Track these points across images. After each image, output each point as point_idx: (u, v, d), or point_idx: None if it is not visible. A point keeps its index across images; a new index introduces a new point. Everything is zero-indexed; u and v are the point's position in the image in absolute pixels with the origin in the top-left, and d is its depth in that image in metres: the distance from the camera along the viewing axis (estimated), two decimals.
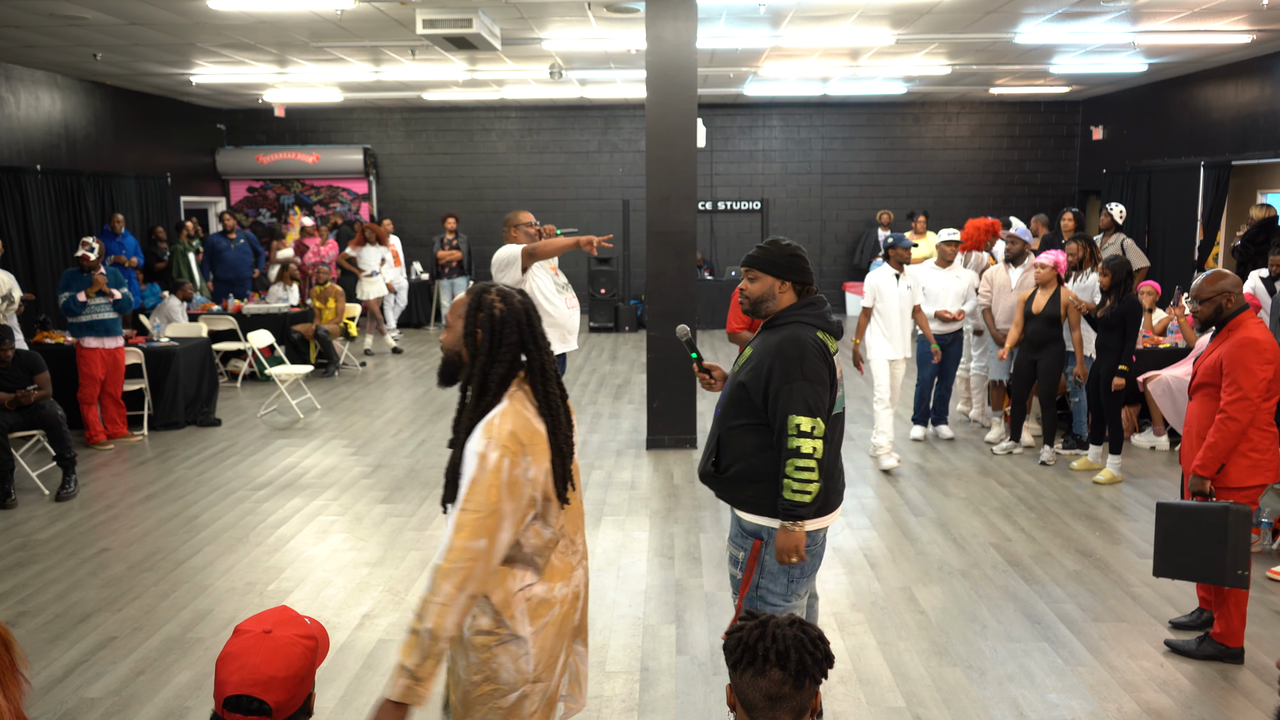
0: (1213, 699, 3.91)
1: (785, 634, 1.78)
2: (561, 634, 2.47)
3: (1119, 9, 8.57)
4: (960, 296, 7.76)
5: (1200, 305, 4.14)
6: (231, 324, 10.56)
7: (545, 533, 2.41)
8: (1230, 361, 4.01)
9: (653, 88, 7.59)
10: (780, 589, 3.20)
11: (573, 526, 2.51)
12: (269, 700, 1.77)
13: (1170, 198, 12.58)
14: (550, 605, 2.42)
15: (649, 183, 7.68)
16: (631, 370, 11.28)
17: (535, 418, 2.38)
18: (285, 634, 1.84)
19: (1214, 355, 4.11)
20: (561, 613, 2.45)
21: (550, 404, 2.41)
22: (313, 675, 1.88)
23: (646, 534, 5.85)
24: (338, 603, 4.90)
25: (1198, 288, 4.17)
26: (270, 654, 1.80)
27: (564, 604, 2.46)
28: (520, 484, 2.29)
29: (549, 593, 2.42)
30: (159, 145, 14.19)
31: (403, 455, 7.65)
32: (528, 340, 2.42)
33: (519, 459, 2.29)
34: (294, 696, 1.82)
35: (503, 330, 2.39)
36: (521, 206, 16.04)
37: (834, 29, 9.56)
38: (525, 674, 2.38)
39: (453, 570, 2.21)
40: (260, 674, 1.78)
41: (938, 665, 4.19)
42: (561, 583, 2.46)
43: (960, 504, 6.39)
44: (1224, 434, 3.99)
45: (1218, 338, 4.15)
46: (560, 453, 2.39)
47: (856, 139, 16.16)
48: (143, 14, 8.54)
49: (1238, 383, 3.99)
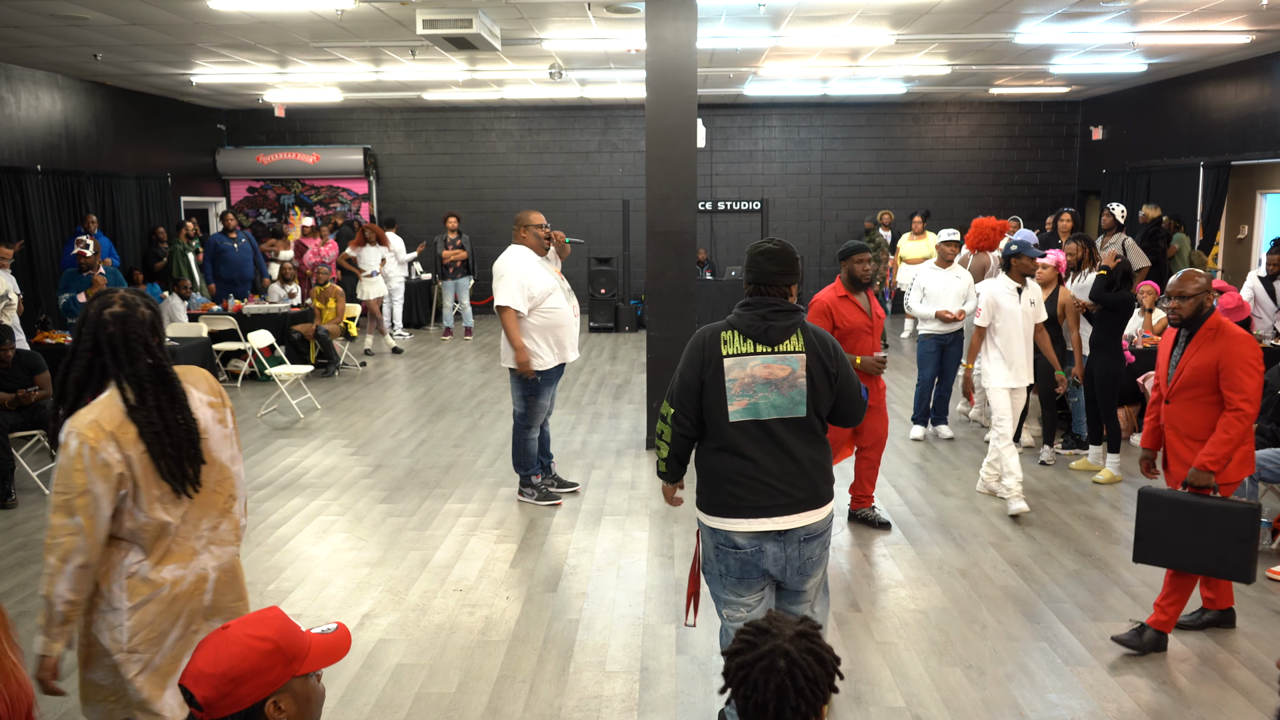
0: (1212, 699, 3.91)
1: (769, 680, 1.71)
2: (171, 613, 2.68)
3: (1119, 9, 8.57)
4: (960, 297, 7.76)
5: (1184, 303, 4.16)
6: (231, 324, 10.57)
7: (139, 516, 2.60)
8: (1231, 361, 4.05)
9: (653, 88, 7.60)
10: (712, 585, 3.31)
11: (199, 514, 2.71)
12: (196, 694, 1.73)
13: (1170, 198, 12.58)
14: (155, 585, 2.64)
15: (649, 183, 7.68)
16: (631, 370, 11.28)
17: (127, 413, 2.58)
18: (237, 633, 1.78)
19: (1203, 356, 4.12)
20: (171, 594, 2.67)
21: (143, 406, 2.58)
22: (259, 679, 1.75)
23: (646, 534, 5.85)
24: (338, 603, 4.90)
25: (1178, 287, 4.18)
26: (211, 649, 1.76)
27: (175, 585, 2.67)
28: (109, 467, 2.51)
29: (154, 573, 2.64)
30: (159, 145, 14.20)
31: (403, 455, 7.66)
32: (119, 347, 2.59)
33: (102, 444, 2.50)
34: (226, 696, 1.73)
35: (79, 337, 2.62)
36: (522, 206, 16.06)
37: (834, 29, 9.56)
38: (120, 644, 2.62)
39: (53, 545, 2.50)
40: (194, 666, 1.75)
41: (938, 665, 4.20)
42: (175, 565, 2.67)
43: (960, 504, 6.39)
44: (1237, 431, 4.04)
45: (1198, 338, 4.17)
46: (164, 450, 2.59)
47: (856, 139, 16.17)
48: (143, 14, 8.55)
49: (1243, 381, 4.04)
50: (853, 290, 5.60)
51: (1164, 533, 4.06)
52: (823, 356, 3.20)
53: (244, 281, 12.45)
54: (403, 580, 5.18)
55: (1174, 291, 4.21)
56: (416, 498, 6.59)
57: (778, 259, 3.29)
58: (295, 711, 1.81)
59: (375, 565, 5.39)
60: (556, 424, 8.44)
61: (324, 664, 1.86)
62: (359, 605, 4.87)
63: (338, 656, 1.89)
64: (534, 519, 6.16)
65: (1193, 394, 4.18)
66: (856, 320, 5.54)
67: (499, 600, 4.92)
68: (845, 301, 5.57)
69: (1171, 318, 4.24)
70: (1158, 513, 4.08)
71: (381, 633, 4.56)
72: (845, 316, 5.53)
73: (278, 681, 1.78)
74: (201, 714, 1.75)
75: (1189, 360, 4.18)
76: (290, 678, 1.80)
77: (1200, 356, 4.14)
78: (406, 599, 4.94)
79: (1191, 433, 4.20)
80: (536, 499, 6.42)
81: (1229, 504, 3.98)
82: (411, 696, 3.97)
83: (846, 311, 5.54)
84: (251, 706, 1.76)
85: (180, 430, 2.63)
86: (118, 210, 12.72)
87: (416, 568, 5.35)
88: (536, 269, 6.08)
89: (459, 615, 4.74)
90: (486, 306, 16.07)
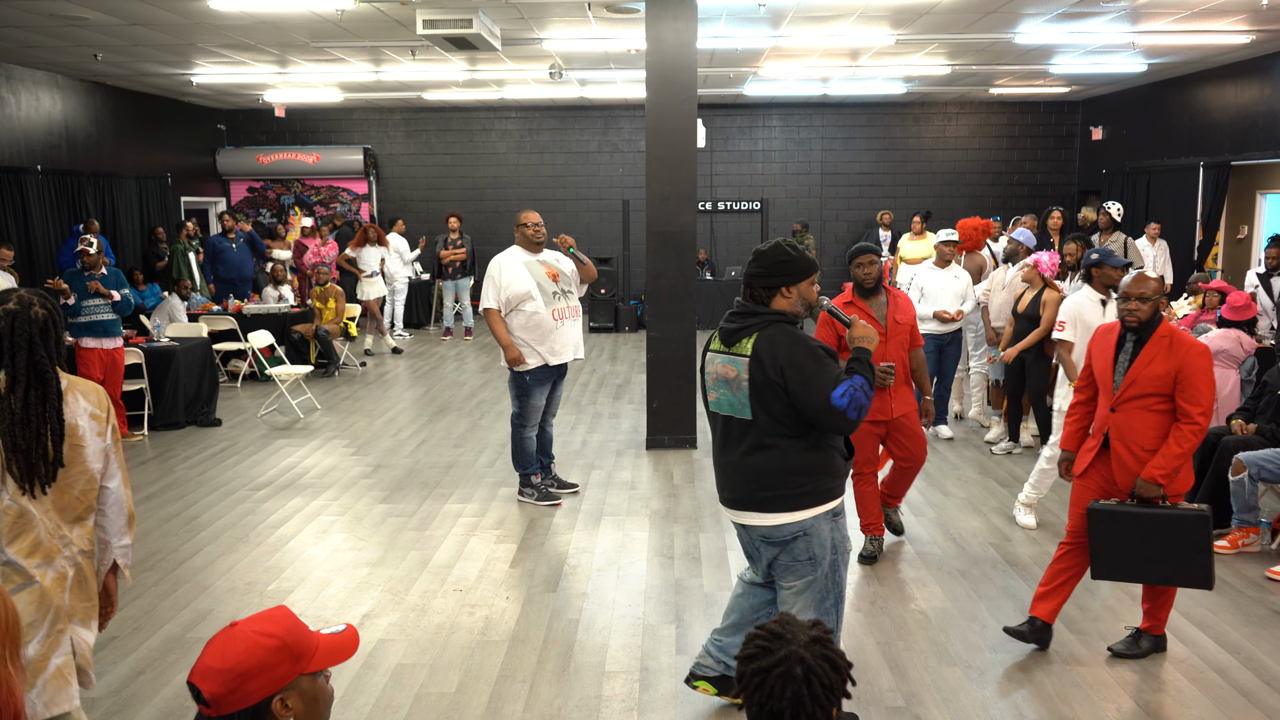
0: (1212, 699, 3.91)
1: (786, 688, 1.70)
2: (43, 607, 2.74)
3: (1119, 9, 8.57)
4: (959, 296, 7.76)
5: (1144, 305, 3.97)
6: (232, 324, 10.57)
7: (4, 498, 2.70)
8: (1193, 373, 3.89)
9: (653, 88, 7.60)
10: None
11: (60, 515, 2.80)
12: (203, 689, 1.74)
13: (1169, 198, 12.59)
14: (27, 576, 2.72)
15: (649, 183, 7.68)
16: (631, 370, 11.29)
17: None
18: (244, 629, 1.79)
19: (1160, 365, 3.94)
20: (42, 587, 2.74)
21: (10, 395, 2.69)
22: (266, 675, 1.76)
23: (646, 534, 5.85)
24: (338, 603, 4.90)
25: (1137, 288, 3.99)
26: (218, 646, 1.77)
27: (44, 579, 2.75)
28: None
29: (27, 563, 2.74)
30: (159, 145, 14.20)
31: (403, 455, 7.66)
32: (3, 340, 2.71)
33: None
34: (233, 692, 1.74)
35: None
36: (522, 207, 16.05)
37: (834, 29, 9.56)
38: None
39: None
40: (202, 662, 1.77)
41: (938, 665, 4.20)
42: (42, 560, 2.75)
43: (960, 504, 6.39)
44: (1191, 445, 3.90)
45: (1151, 345, 3.97)
46: (16, 443, 2.68)
47: (856, 139, 16.17)
48: (143, 14, 8.55)
49: (1203, 394, 3.89)
50: (861, 295, 5.25)
51: (1119, 547, 3.94)
52: (765, 363, 3.23)
53: (244, 281, 12.45)
54: (403, 580, 5.18)
55: (1134, 293, 3.99)
56: (416, 498, 6.59)
57: (758, 261, 3.38)
58: (302, 710, 1.81)
59: (375, 565, 5.39)
60: (557, 424, 8.44)
61: (331, 663, 1.86)
62: (359, 605, 4.87)
63: (345, 656, 1.89)
64: (534, 519, 6.16)
65: (1144, 403, 3.99)
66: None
67: (499, 600, 4.92)
68: (850, 309, 5.20)
69: (1130, 320, 4.00)
70: (1110, 528, 3.95)
71: (381, 633, 4.56)
72: (1094, 355, 5.02)
73: (285, 678, 1.79)
74: (208, 710, 1.76)
75: (1144, 369, 3.98)
76: (297, 675, 1.80)
77: (1157, 365, 3.95)
78: (406, 599, 4.94)
79: (1143, 443, 4.00)
80: (536, 499, 6.42)
81: (1179, 512, 3.88)
82: (411, 696, 3.97)
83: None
84: (258, 703, 1.77)
85: (38, 425, 2.71)
86: (118, 210, 12.72)
87: (416, 568, 5.35)
88: (518, 270, 6.08)
89: (459, 615, 4.74)
90: None
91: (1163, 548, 3.88)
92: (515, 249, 6.23)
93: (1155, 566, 3.92)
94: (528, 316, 6.07)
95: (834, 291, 16.22)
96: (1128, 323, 4.02)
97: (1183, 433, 3.90)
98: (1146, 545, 3.90)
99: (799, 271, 3.36)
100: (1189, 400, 3.90)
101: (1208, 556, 3.85)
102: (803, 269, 3.37)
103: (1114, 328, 4.18)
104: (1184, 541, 3.85)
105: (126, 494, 2.98)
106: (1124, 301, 4.02)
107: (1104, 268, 5.60)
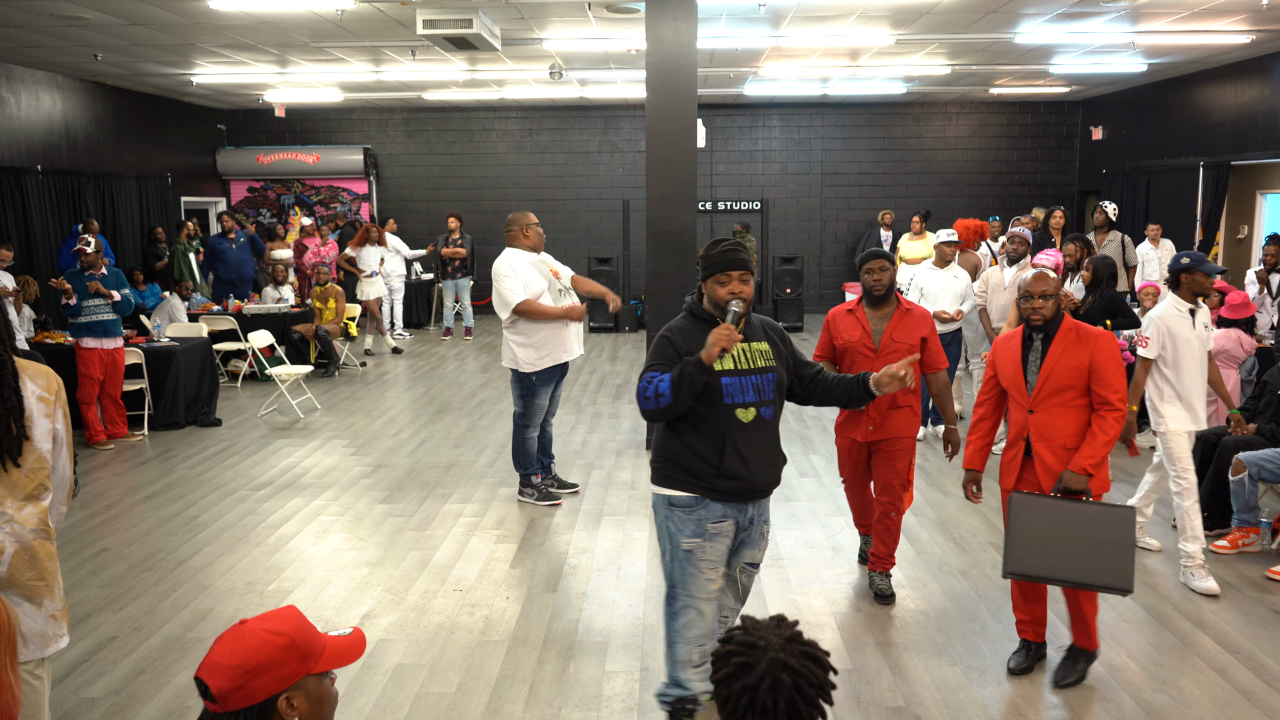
0: (1212, 699, 3.91)
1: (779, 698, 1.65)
2: None
3: (1119, 9, 8.57)
4: (958, 296, 7.76)
5: (1047, 302, 3.90)
6: (232, 324, 10.57)
7: None
8: (1105, 360, 3.86)
9: (653, 88, 7.60)
10: None
11: (5, 492, 2.89)
12: (211, 685, 1.75)
13: (1169, 198, 12.59)
14: None
15: (649, 183, 7.68)
16: (631, 370, 11.28)
17: None
18: (254, 627, 1.81)
19: (1072, 358, 3.88)
20: None
21: None
22: (274, 673, 1.77)
23: (646, 534, 5.85)
24: (338, 603, 4.90)
25: (1039, 286, 3.92)
26: (227, 643, 1.79)
27: None
28: None
29: None
30: (159, 145, 14.20)
31: (403, 455, 7.66)
32: None
33: None
34: (241, 688, 1.75)
35: None
36: (522, 207, 16.06)
37: (834, 29, 9.56)
38: None
39: None
40: (211, 659, 1.78)
41: (938, 665, 4.20)
42: None
43: (960, 504, 6.39)
44: (1116, 431, 3.84)
45: (1059, 340, 3.91)
46: None
47: (856, 139, 16.17)
48: (143, 14, 8.55)
49: (1118, 379, 3.87)
50: (868, 304, 4.82)
51: (1038, 540, 3.76)
52: None
53: (244, 282, 12.45)
54: (403, 580, 5.18)
55: (1036, 291, 3.91)
56: (416, 498, 6.59)
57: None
58: (308, 710, 1.82)
59: (375, 565, 5.39)
60: (557, 424, 8.43)
61: (338, 664, 1.88)
62: (359, 605, 4.87)
63: (353, 658, 1.91)
64: (534, 519, 6.16)
65: (1062, 399, 3.92)
66: (851, 337, 4.76)
67: (499, 600, 4.92)
68: (848, 316, 4.84)
69: (1035, 319, 3.93)
70: (1032, 518, 3.78)
71: (381, 633, 4.56)
72: (840, 331, 4.82)
73: (292, 677, 1.80)
74: (215, 706, 1.77)
75: (1056, 364, 3.91)
76: (304, 675, 1.82)
77: (1069, 358, 3.90)
78: (406, 599, 4.94)
79: (1064, 441, 3.92)
80: (536, 499, 6.42)
81: (1107, 507, 3.75)
82: (411, 696, 3.97)
83: (843, 326, 4.82)
84: (265, 701, 1.78)
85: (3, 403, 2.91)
86: (118, 210, 12.72)
87: (416, 568, 5.35)
88: (530, 271, 6.10)
89: (459, 615, 4.75)
90: (487, 307, 16.08)
91: (1084, 545, 3.71)
92: (517, 251, 6.18)
93: (1073, 564, 3.73)
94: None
95: (832, 293, 16.23)
96: (1033, 321, 3.96)
97: (1106, 420, 3.85)
98: (1066, 541, 3.73)
99: (705, 268, 3.41)
100: (1106, 386, 3.85)
101: (1130, 557, 3.70)
102: (708, 265, 3.39)
103: (1011, 338, 4.09)
104: (1107, 539, 3.70)
105: (70, 469, 3.14)
106: (1026, 300, 3.95)
107: (1195, 274, 4.93)
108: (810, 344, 13.11)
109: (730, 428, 3.33)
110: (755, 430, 3.37)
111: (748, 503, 3.44)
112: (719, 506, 3.40)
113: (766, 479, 3.42)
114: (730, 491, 3.37)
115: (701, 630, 3.40)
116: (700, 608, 3.39)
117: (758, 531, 3.52)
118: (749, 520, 3.47)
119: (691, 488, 3.38)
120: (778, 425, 3.48)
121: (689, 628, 3.40)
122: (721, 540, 3.41)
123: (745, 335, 3.43)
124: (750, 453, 3.36)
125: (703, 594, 3.39)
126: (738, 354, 3.38)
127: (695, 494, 3.38)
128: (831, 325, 4.88)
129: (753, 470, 3.37)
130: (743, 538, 3.49)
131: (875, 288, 4.76)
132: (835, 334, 4.85)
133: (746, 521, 3.46)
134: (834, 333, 4.86)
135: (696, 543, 3.39)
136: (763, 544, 3.56)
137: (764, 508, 3.53)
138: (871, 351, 4.72)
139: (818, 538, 5.76)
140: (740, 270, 3.35)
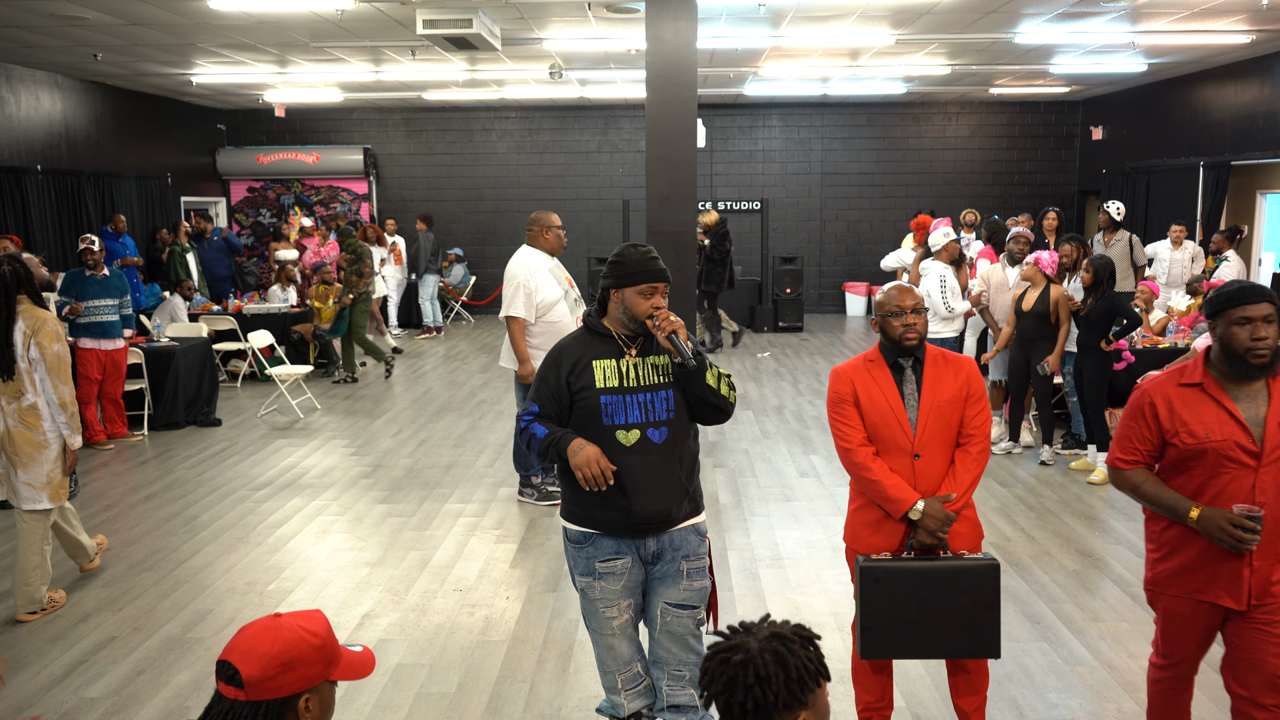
0: (1212, 699, 3.91)
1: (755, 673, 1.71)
2: None
3: (1119, 9, 8.57)
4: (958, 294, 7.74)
5: (919, 318, 3.21)
6: (232, 324, 10.57)
7: None
8: (979, 387, 3.26)
9: (653, 88, 7.60)
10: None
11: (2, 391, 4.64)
12: (242, 670, 1.75)
13: (1169, 198, 12.59)
14: None
15: (649, 183, 7.68)
16: None
17: None
18: (290, 622, 1.83)
19: (949, 388, 3.22)
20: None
21: None
22: (303, 670, 1.80)
23: None
24: (338, 603, 4.90)
25: (909, 300, 3.22)
26: (265, 631, 1.80)
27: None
28: None
29: None
30: (159, 145, 14.19)
31: (403, 455, 7.66)
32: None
33: None
34: (271, 679, 1.76)
35: None
36: (521, 206, 16.08)
37: (834, 29, 9.56)
38: None
39: None
40: (246, 644, 1.78)
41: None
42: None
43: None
44: (982, 468, 3.24)
45: (929, 364, 3.25)
46: None
47: (856, 139, 16.17)
48: (143, 14, 8.55)
49: (986, 411, 3.27)
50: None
51: (898, 614, 3.12)
52: None
53: (217, 282, 12.62)
54: (403, 580, 5.18)
55: (908, 305, 3.20)
56: (416, 498, 6.59)
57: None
58: (319, 715, 1.85)
59: (375, 565, 5.39)
60: None
61: (350, 676, 1.91)
62: (359, 605, 4.87)
63: (363, 673, 1.94)
64: (534, 519, 6.16)
65: (943, 437, 3.22)
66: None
67: (499, 600, 4.92)
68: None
69: (909, 338, 3.20)
70: (887, 594, 3.12)
71: (381, 633, 4.56)
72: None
73: (316, 679, 1.83)
74: (239, 693, 1.77)
75: (936, 395, 3.22)
76: (324, 679, 1.85)
77: (947, 388, 3.23)
78: (406, 599, 4.94)
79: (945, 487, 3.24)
80: (536, 499, 6.42)
81: (967, 562, 3.13)
82: (411, 696, 3.97)
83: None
84: (287, 697, 1.79)
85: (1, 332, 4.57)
86: (118, 210, 12.71)
87: (416, 568, 5.35)
88: (545, 276, 5.99)
89: (459, 615, 4.74)
90: (487, 307, 16.08)
91: (946, 609, 3.10)
92: (536, 253, 6.05)
93: (938, 635, 3.13)
94: (550, 324, 5.97)
95: (830, 305, 16.21)
96: (907, 340, 3.20)
97: (975, 456, 3.22)
98: (929, 608, 3.11)
99: (621, 275, 2.96)
100: (977, 415, 3.24)
101: (996, 617, 3.11)
102: (626, 273, 2.95)
103: (857, 369, 3.30)
104: (970, 599, 3.10)
105: (56, 388, 4.62)
106: (897, 318, 3.20)
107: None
108: (810, 344, 13.08)
109: (610, 451, 2.92)
110: (638, 455, 2.94)
111: (644, 537, 3.02)
112: (609, 542, 3.02)
113: (652, 510, 2.96)
114: (611, 524, 2.99)
115: (621, 658, 3.10)
116: (609, 642, 3.08)
117: (673, 568, 3.04)
118: (653, 555, 3.04)
119: (580, 520, 3.05)
120: (677, 449, 3.03)
121: (604, 660, 3.12)
122: (614, 579, 3.03)
123: (642, 350, 3.03)
124: (631, 480, 2.93)
125: (607, 630, 3.07)
126: (625, 368, 2.98)
127: (585, 528, 3.05)
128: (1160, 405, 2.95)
129: (632, 500, 2.94)
130: (654, 575, 3.07)
131: (1258, 351, 2.80)
132: (1178, 422, 2.91)
133: (650, 557, 3.04)
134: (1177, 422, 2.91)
135: (587, 581, 3.06)
136: (684, 583, 3.04)
137: (681, 542, 3.05)
138: (1253, 458, 2.84)
139: (818, 538, 5.76)
140: (665, 283, 2.97)
